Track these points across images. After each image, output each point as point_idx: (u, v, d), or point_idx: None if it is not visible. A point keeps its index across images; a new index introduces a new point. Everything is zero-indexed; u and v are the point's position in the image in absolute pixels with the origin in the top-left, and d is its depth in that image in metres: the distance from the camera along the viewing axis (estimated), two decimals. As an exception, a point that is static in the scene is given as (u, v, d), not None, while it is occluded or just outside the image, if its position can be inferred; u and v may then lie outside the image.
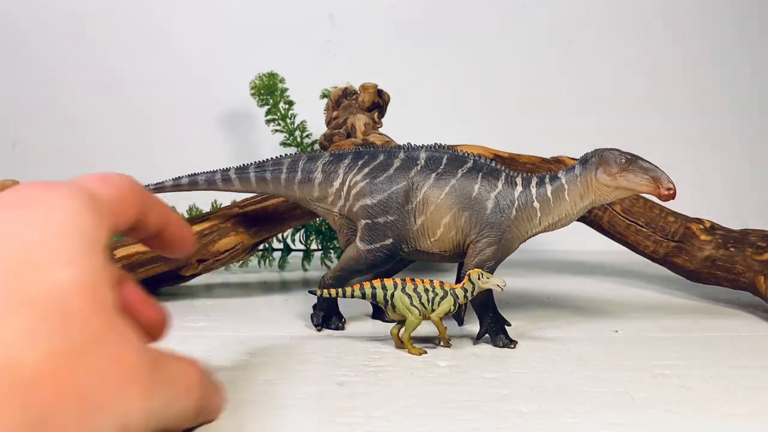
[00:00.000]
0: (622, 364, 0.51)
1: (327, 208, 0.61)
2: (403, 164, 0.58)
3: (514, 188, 0.57)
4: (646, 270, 0.91)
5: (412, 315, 0.52)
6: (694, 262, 0.72)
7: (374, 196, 0.57)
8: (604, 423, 0.39)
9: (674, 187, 0.53)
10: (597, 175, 0.55)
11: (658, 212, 0.74)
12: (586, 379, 0.47)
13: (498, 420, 0.39)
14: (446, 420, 0.38)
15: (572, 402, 0.42)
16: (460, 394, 0.43)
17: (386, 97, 0.85)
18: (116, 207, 0.30)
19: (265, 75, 0.91)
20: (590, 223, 0.76)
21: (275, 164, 0.63)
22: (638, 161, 0.54)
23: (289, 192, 0.62)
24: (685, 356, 0.53)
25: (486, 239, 0.56)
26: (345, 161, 0.60)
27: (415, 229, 0.58)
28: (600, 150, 0.55)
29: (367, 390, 0.43)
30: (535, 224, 0.58)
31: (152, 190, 0.67)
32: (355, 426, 0.37)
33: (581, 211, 0.57)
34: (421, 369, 0.48)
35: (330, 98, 0.86)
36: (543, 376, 0.47)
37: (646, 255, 0.75)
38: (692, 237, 0.73)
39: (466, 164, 0.58)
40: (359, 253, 0.58)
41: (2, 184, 0.66)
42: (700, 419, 0.39)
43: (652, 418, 0.39)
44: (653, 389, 0.45)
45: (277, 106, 0.92)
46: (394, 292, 0.52)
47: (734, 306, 0.74)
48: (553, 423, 0.38)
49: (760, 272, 0.68)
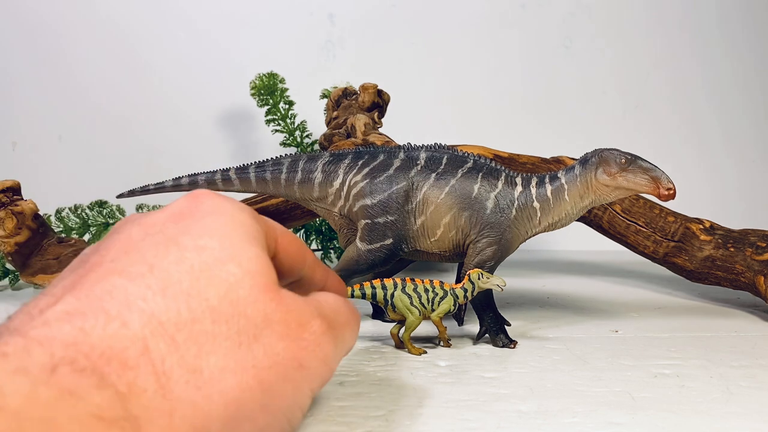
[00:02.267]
0: (622, 364, 0.51)
1: (327, 208, 0.61)
2: (403, 164, 0.58)
3: (514, 188, 0.57)
4: (646, 270, 0.91)
5: (412, 315, 0.52)
6: (694, 262, 0.72)
7: (374, 196, 0.57)
8: (604, 423, 0.39)
9: (674, 187, 0.53)
10: (597, 175, 0.55)
11: (658, 212, 0.74)
12: (586, 379, 0.47)
13: (498, 420, 0.39)
14: (446, 420, 0.39)
15: (572, 402, 0.42)
16: (460, 394, 0.43)
17: (386, 97, 0.85)
18: (272, 235, 0.33)
19: (265, 75, 0.91)
20: (590, 223, 0.76)
21: (275, 164, 0.63)
22: (638, 161, 0.54)
23: (289, 192, 0.62)
24: (685, 356, 0.53)
25: (486, 239, 0.56)
26: (345, 161, 0.60)
27: (415, 229, 0.58)
28: (600, 150, 0.55)
29: (367, 390, 0.43)
30: (535, 224, 0.58)
31: (152, 190, 0.67)
32: (355, 426, 0.37)
33: (581, 211, 0.57)
34: (421, 369, 0.48)
35: (330, 98, 0.86)
36: (543, 375, 0.47)
37: (646, 255, 0.75)
38: (692, 237, 0.73)
39: (466, 164, 0.58)
40: (359, 253, 0.58)
41: (2, 183, 0.66)
42: (700, 419, 0.39)
43: (652, 418, 0.39)
44: (653, 389, 0.45)
45: (277, 106, 0.92)
46: (394, 292, 0.52)
47: (734, 306, 0.74)
48: (552, 423, 0.38)
49: (760, 272, 0.68)
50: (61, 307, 0.24)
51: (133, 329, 0.24)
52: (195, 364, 0.24)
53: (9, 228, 0.65)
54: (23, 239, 0.66)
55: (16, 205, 0.66)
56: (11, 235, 0.66)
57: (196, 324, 0.25)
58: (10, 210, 0.65)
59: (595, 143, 0.63)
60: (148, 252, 0.26)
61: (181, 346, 0.24)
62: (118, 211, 0.84)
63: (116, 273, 0.25)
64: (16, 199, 0.67)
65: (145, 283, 0.25)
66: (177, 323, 0.25)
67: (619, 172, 0.54)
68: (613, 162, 0.54)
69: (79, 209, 0.83)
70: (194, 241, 0.27)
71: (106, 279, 0.25)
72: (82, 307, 0.24)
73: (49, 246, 0.68)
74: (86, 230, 0.83)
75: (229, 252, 0.27)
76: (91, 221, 0.83)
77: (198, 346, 0.25)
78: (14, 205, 0.66)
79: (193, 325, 0.25)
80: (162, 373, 0.23)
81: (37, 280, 0.68)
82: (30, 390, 0.20)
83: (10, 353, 0.21)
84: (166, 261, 0.26)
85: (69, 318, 0.23)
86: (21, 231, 0.66)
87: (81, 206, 0.84)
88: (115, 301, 0.24)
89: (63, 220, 0.82)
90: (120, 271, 0.26)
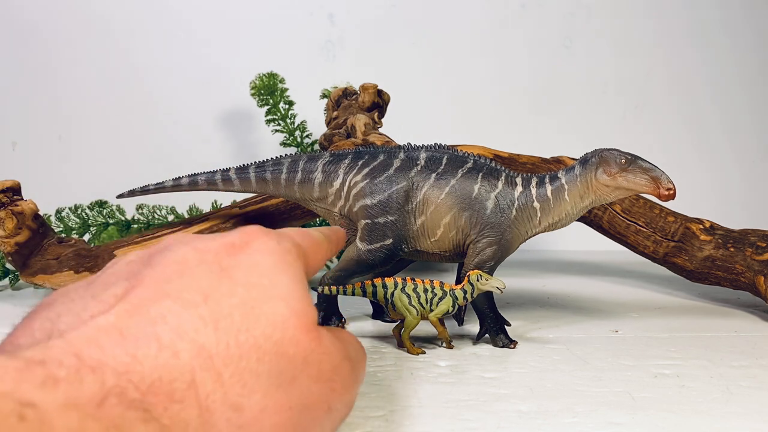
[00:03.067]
0: (622, 364, 0.51)
1: (327, 209, 0.61)
2: (403, 164, 0.58)
3: (514, 188, 0.57)
4: (646, 270, 0.91)
5: (411, 314, 0.52)
6: (694, 262, 0.72)
7: (374, 196, 0.57)
8: (604, 423, 0.39)
9: (674, 187, 0.53)
10: (597, 175, 0.55)
11: (658, 212, 0.74)
12: (586, 379, 0.47)
13: (498, 420, 0.39)
14: (446, 420, 0.39)
15: (572, 402, 0.42)
16: (460, 394, 0.43)
17: (386, 97, 0.85)
18: (311, 253, 0.34)
19: (265, 75, 0.91)
20: (590, 223, 0.76)
21: (275, 164, 0.63)
22: (638, 161, 0.54)
23: (289, 192, 0.62)
24: (685, 356, 0.53)
25: (486, 239, 0.56)
26: (345, 161, 0.60)
27: (415, 229, 0.58)
28: (600, 150, 0.55)
29: (367, 390, 0.43)
30: (535, 224, 0.58)
31: (152, 190, 0.67)
32: (354, 426, 0.37)
33: (581, 211, 0.57)
34: (421, 369, 0.48)
35: (330, 98, 0.86)
36: (543, 376, 0.47)
37: (646, 255, 0.75)
38: (692, 237, 0.73)
39: (466, 164, 0.58)
40: (359, 253, 0.58)
41: (2, 183, 0.66)
42: (700, 419, 0.39)
43: (652, 418, 0.39)
44: (653, 389, 0.45)
45: (277, 106, 0.92)
46: (394, 291, 0.52)
47: (734, 306, 0.74)
48: (552, 423, 0.38)
49: (760, 272, 0.68)
50: (113, 320, 0.24)
51: (183, 360, 0.23)
52: (238, 402, 0.24)
53: (9, 228, 0.65)
54: (23, 239, 0.66)
55: (16, 205, 0.66)
56: (11, 235, 0.66)
57: (242, 360, 0.25)
58: (10, 210, 0.65)
59: (595, 143, 0.63)
60: (203, 280, 0.26)
61: (226, 382, 0.24)
62: (118, 211, 0.84)
63: (171, 297, 0.25)
64: (16, 199, 0.67)
65: (198, 313, 0.25)
66: (225, 358, 0.25)
67: (619, 172, 0.54)
68: (613, 162, 0.54)
69: (79, 209, 0.83)
70: (246, 277, 0.27)
71: (160, 301, 0.25)
72: (135, 330, 0.24)
73: (49, 246, 0.68)
74: (86, 230, 0.83)
75: (278, 291, 0.28)
76: (91, 221, 0.83)
77: (242, 383, 0.25)
78: (14, 205, 0.66)
79: (239, 362, 0.25)
80: (206, 408, 0.23)
81: (37, 280, 0.68)
82: (78, 425, 0.20)
83: (61, 379, 0.21)
84: (218, 293, 0.26)
85: (122, 340, 0.23)
86: (21, 231, 0.66)
87: (81, 206, 0.84)
88: (167, 328, 0.24)
89: (63, 220, 0.82)
90: (175, 296, 0.25)
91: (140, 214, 0.84)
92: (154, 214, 0.84)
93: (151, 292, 0.25)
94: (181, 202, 0.85)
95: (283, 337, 0.26)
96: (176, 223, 0.72)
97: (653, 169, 0.54)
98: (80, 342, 0.22)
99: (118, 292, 0.26)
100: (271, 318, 0.27)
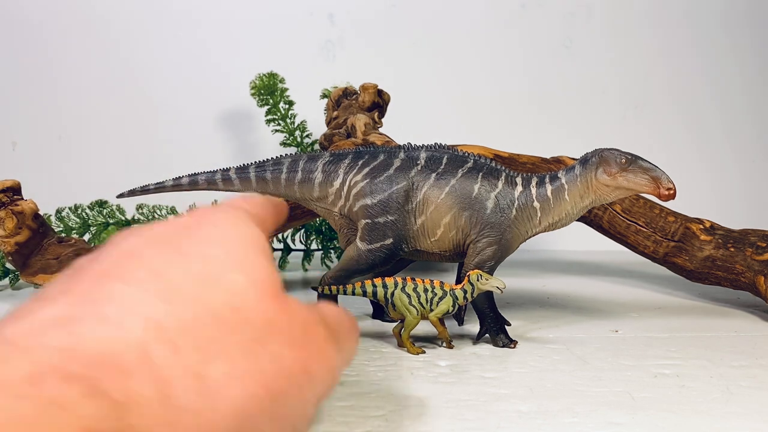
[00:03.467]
0: (622, 364, 0.51)
1: (327, 208, 0.61)
2: (404, 164, 0.58)
3: (514, 188, 0.57)
4: (646, 270, 0.91)
5: (411, 314, 0.52)
6: (694, 262, 0.72)
7: (374, 196, 0.57)
8: (604, 423, 0.39)
9: (674, 187, 0.53)
10: (597, 175, 0.55)
11: (658, 212, 0.74)
12: (586, 379, 0.47)
13: (498, 420, 0.39)
14: (446, 420, 0.39)
15: (572, 402, 0.42)
16: (460, 394, 0.43)
17: (386, 97, 0.85)
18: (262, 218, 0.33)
19: (265, 75, 0.91)
20: (590, 223, 0.76)
21: (275, 164, 0.63)
22: (638, 161, 0.54)
23: (289, 192, 0.62)
24: (685, 356, 0.53)
25: (486, 239, 0.56)
26: (345, 161, 0.60)
27: (415, 229, 0.58)
28: (600, 150, 0.55)
29: (367, 390, 0.43)
30: (535, 224, 0.58)
31: (152, 190, 0.67)
32: (354, 426, 0.37)
33: (581, 211, 0.57)
34: (421, 369, 0.48)
35: (330, 98, 0.86)
36: (543, 375, 0.47)
37: (646, 255, 0.75)
38: (692, 237, 0.73)
39: (466, 164, 0.58)
40: (359, 253, 0.58)
41: (2, 183, 0.66)
42: (700, 419, 0.39)
43: (652, 418, 0.39)
44: (653, 389, 0.45)
45: (277, 106, 0.92)
46: (394, 291, 0.52)
47: (734, 306, 0.74)
48: (552, 423, 0.38)
49: (760, 272, 0.68)
50: (56, 311, 0.23)
51: (132, 334, 0.22)
52: (199, 371, 0.23)
53: (9, 228, 0.65)
54: (23, 239, 0.66)
55: (16, 204, 0.66)
56: (11, 235, 0.66)
57: (200, 330, 0.24)
58: (10, 210, 0.65)
59: (595, 143, 0.63)
60: (152, 259, 0.26)
61: (183, 351, 0.23)
62: (118, 211, 0.84)
63: (117, 278, 0.24)
64: (16, 199, 0.67)
65: (148, 288, 0.24)
66: (180, 329, 0.24)
67: (619, 172, 0.54)
68: (613, 162, 0.54)
69: (79, 209, 0.83)
70: (199, 250, 0.27)
71: (105, 284, 0.24)
72: (78, 312, 0.23)
73: (49, 246, 0.68)
74: (86, 230, 0.83)
75: (234, 261, 0.27)
76: (91, 221, 0.83)
77: (202, 352, 0.24)
78: (14, 205, 0.66)
79: (196, 332, 0.24)
80: (163, 380, 0.22)
81: (37, 280, 0.68)
82: (6, 404, 0.19)
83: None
84: (171, 269, 0.26)
85: (62, 323, 0.22)
86: (21, 231, 0.66)
87: (81, 206, 0.84)
88: (114, 306, 0.23)
89: (63, 220, 0.82)
90: (121, 276, 0.25)
91: (140, 213, 0.84)
92: (154, 213, 0.84)
93: (97, 279, 0.24)
94: (181, 202, 0.85)
95: (243, 305, 0.26)
96: (176, 223, 0.72)
97: (653, 169, 0.54)
98: (17, 333, 0.21)
99: (61, 288, 0.24)
100: (229, 287, 0.26)
